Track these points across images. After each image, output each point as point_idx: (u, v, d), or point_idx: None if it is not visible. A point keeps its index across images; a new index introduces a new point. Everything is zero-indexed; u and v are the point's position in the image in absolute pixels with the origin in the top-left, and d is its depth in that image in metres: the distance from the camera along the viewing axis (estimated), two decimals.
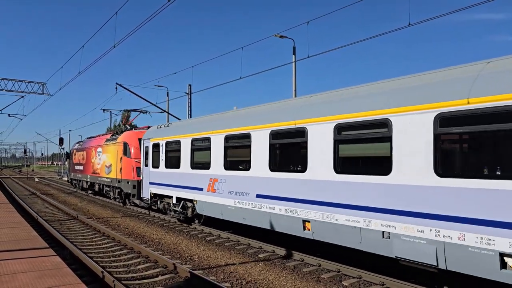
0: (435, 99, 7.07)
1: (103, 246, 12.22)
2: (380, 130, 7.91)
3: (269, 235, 13.12)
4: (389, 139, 7.73)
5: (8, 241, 9.12)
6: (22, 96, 33.89)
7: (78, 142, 35.61)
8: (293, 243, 11.97)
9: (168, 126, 16.89)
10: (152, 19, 12.25)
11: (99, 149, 26.44)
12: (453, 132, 6.81)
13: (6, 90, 32.32)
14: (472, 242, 6.34)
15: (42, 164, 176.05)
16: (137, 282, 8.50)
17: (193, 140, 14.14)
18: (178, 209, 15.27)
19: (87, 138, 32.54)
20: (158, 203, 17.02)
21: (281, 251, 11.01)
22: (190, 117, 32.06)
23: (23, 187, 38.40)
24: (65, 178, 48.07)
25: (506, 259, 5.97)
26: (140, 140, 19.80)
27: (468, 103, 6.55)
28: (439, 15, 11.12)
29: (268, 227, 10.63)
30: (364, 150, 8.45)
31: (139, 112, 27.05)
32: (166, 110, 32.71)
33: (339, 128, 8.71)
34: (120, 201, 23.29)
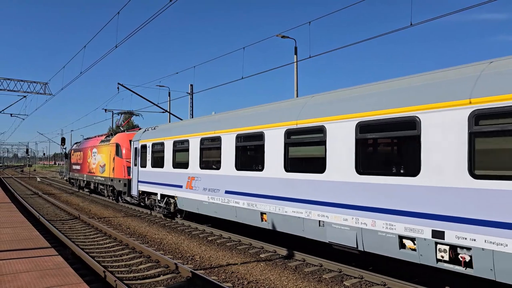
0: (356, 110, 8.44)
1: (105, 246, 12.24)
2: (318, 135, 9.31)
3: (271, 235, 13.13)
4: (324, 143, 9.14)
5: (10, 241, 9.14)
6: (24, 96, 33.96)
7: (76, 143, 37.06)
8: (295, 243, 11.98)
9: (154, 129, 18.35)
10: (154, 19, 12.26)
11: (94, 150, 27.82)
12: (368, 137, 8.23)
13: (8, 90, 32.38)
14: (380, 227, 7.83)
15: (44, 164, 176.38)
16: (138, 282, 8.52)
17: (175, 142, 15.58)
18: (162, 205, 16.81)
19: (84, 139, 33.90)
20: (146, 199, 18.55)
21: (283, 251, 11.01)
22: (192, 117, 32.08)
23: (25, 187, 38.49)
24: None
25: (404, 240, 7.46)
26: (130, 141, 20.94)
27: (376, 114, 7.96)
28: (441, 15, 11.10)
29: (234, 219, 12.05)
30: (306, 152, 9.90)
31: (131, 114, 29.47)
32: (168, 110, 32.74)
33: (288, 133, 10.14)
34: (113, 198, 24.53)
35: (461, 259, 6.57)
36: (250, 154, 11.75)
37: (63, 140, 55.96)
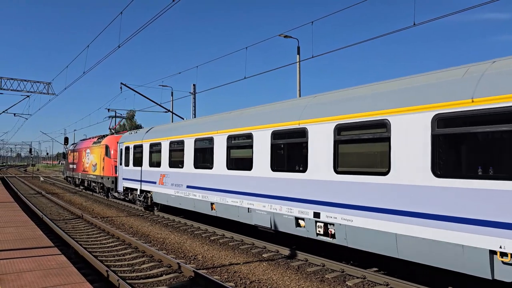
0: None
1: (108, 245, 12.27)
2: (247, 140, 11.79)
3: (272, 235, 13.13)
4: (251, 147, 11.66)
5: (14, 240, 9.18)
6: (28, 96, 34.09)
7: (72, 144, 40.72)
8: (297, 243, 11.98)
9: (136, 132, 21.19)
10: (157, 19, 12.28)
11: (88, 151, 30.58)
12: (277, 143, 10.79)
13: (11, 90, 32.51)
14: (284, 211, 10.29)
15: (47, 163, 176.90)
16: (141, 281, 8.53)
17: (151, 144, 18.16)
18: (141, 199, 19.38)
19: (80, 140, 37.24)
20: (129, 194, 21.29)
21: (285, 251, 11.01)
22: (195, 117, 32.14)
23: (29, 186, 38.62)
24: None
25: (299, 220, 9.90)
26: (118, 143, 23.23)
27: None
28: (444, 15, 11.07)
29: (193, 209, 14.77)
30: (240, 153, 12.34)
31: (122, 118, 33.84)
32: (171, 110, 32.81)
33: (229, 138, 12.65)
34: (103, 194, 27.24)
35: (329, 232, 9.10)
36: (204, 155, 14.09)
37: (66, 140, 56.12)
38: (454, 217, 6.63)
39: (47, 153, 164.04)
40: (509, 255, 5.97)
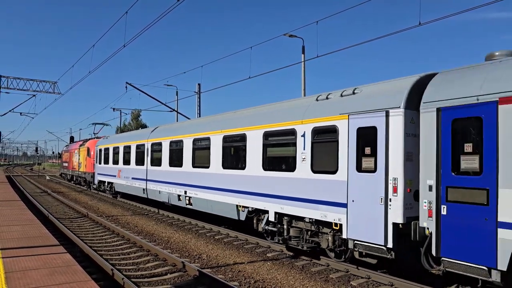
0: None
1: (113, 244, 12.32)
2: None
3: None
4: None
5: (20, 238, 9.25)
6: (34, 95, 34.28)
7: (66, 145, 48.39)
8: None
9: (107, 138, 27.96)
10: (162, 19, 12.31)
11: (76, 152, 37.61)
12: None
13: (18, 89, 32.70)
14: (178, 192, 16.16)
15: (53, 162, 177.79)
16: (146, 280, 8.57)
17: (114, 148, 24.56)
18: (108, 188, 26.31)
19: (72, 142, 45.22)
20: (101, 186, 27.88)
21: (289, 251, 10.99)
22: (199, 116, 32.20)
23: (34, 185, 38.85)
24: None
25: (180, 196, 15.97)
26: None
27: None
28: (450, 14, 11.00)
29: (133, 193, 21.25)
30: (159, 154, 18.36)
31: (102, 125, 40.37)
32: (176, 109, 32.87)
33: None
34: (87, 187, 33.67)
35: (187, 200, 15.33)
36: (140, 156, 20.42)
37: (71, 139, 56.83)
38: (261, 193, 11.52)
39: (53, 152, 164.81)
40: (241, 207, 12.48)
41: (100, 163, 27.46)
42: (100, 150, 27.51)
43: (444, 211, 7.02)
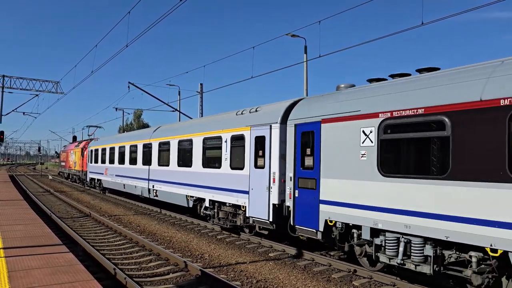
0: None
1: (115, 243, 12.35)
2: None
3: (279, 235, 13.13)
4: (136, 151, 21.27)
5: (23, 238, 9.28)
6: (37, 95, 34.41)
7: (64, 146, 53.92)
8: (304, 244, 11.96)
9: (97, 140, 32.03)
10: (164, 18, 12.34)
11: (72, 152, 41.94)
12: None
13: (21, 89, 32.82)
14: (148, 186, 19.65)
15: (56, 162, 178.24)
16: (148, 279, 8.58)
17: (102, 149, 28.41)
18: (98, 185, 30.15)
19: (74, 142, 49.23)
20: (92, 183, 31.62)
21: (292, 251, 11.01)
22: (202, 116, 32.24)
23: (37, 185, 38.97)
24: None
25: (151, 190, 19.38)
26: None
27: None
28: (452, 14, 10.99)
29: (117, 189, 24.90)
30: (133, 154, 21.89)
31: (96, 127, 47.45)
32: (178, 109, 32.91)
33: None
34: (81, 184, 37.35)
35: (154, 193, 18.67)
36: (120, 156, 24.21)
37: (74, 139, 57.10)
38: (201, 185, 14.89)
39: (56, 152, 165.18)
40: (189, 196, 15.75)
41: (91, 163, 31.31)
42: (91, 150, 31.39)
43: (296, 194, 10.33)
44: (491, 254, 6.36)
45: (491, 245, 6.29)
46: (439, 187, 7.05)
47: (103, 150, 27.91)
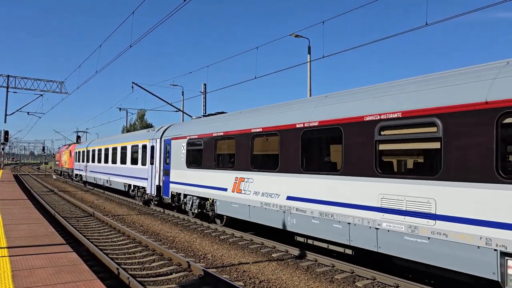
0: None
1: (119, 243, 12.38)
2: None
3: (281, 235, 13.11)
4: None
5: (27, 237, 9.32)
6: (41, 95, 34.58)
7: (58, 148, 68.01)
8: (306, 244, 11.96)
9: (80, 144, 39.28)
10: (168, 19, 12.37)
11: (64, 153, 51.16)
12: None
13: (25, 89, 32.98)
14: (107, 178, 28.10)
15: None
16: (151, 279, 8.60)
17: (82, 151, 36.07)
18: (80, 179, 38.14)
19: (78, 142, 57.26)
20: (78, 177, 39.19)
21: (295, 251, 11.00)
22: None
23: (41, 184, 39.12)
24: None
25: (108, 181, 27.69)
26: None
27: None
28: (457, 14, 10.96)
29: (92, 181, 32.34)
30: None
31: (84, 132, 59.71)
32: (181, 109, 32.95)
33: (113, 149, 27.49)
34: (71, 179, 44.83)
35: (109, 183, 27.27)
36: (99, 156, 30.19)
37: (78, 139, 57.38)
38: (129, 176, 23.30)
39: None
40: (126, 184, 24.15)
41: (76, 161, 39.90)
42: (76, 152, 40.04)
43: (163, 179, 18.29)
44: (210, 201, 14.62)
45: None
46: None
47: (83, 152, 36.27)
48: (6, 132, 35.79)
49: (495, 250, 6.41)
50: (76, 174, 39.82)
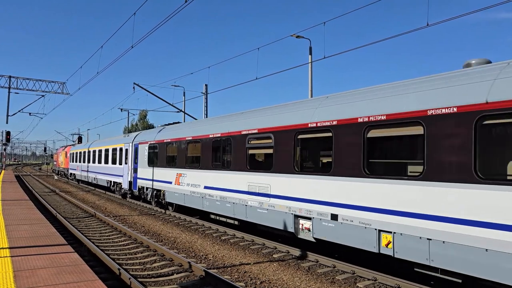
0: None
1: (120, 243, 12.40)
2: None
3: (284, 236, 13.12)
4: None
5: (28, 237, 9.34)
6: (43, 96, 34.61)
7: (56, 149, 76.90)
8: (308, 245, 11.95)
9: (74, 145, 47.37)
10: (169, 20, 12.39)
11: (60, 153, 56.85)
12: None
13: (27, 90, 33.02)
14: (94, 176, 33.00)
15: None
16: (152, 279, 8.61)
17: (75, 153, 41.61)
18: (74, 178, 42.83)
19: (79, 142, 58.72)
20: (72, 176, 43.68)
21: (296, 252, 11.00)
22: (206, 117, 32.33)
23: (43, 185, 39.18)
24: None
25: (95, 179, 32.99)
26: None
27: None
28: (458, 15, 10.94)
29: (83, 179, 37.34)
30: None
31: (78, 135, 63.21)
32: (183, 110, 32.98)
33: (94, 151, 34.00)
34: (66, 177, 49.60)
35: (96, 180, 32.28)
36: (83, 158, 37.05)
37: (80, 139, 57.58)
38: (111, 173, 27.80)
39: None
40: (109, 181, 28.80)
41: (71, 162, 44.45)
42: (71, 153, 45.01)
43: (133, 175, 23.13)
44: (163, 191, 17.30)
45: None
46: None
47: (76, 153, 41.58)
48: (8, 133, 35.90)
49: (292, 213, 10.55)
50: (71, 173, 44.18)
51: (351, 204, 8.83)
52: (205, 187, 14.69)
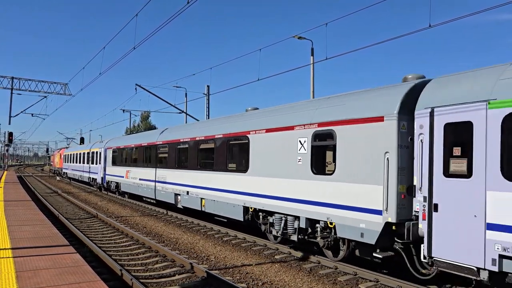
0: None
1: (122, 244, 12.40)
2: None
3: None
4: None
5: (30, 238, 9.35)
6: (45, 97, 34.71)
7: (53, 151, 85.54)
8: (309, 246, 11.94)
9: (67, 148, 57.37)
10: (171, 21, 12.40)
11: (56, 155, 64.17)
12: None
13: (29, 91, 33.10)
14: (80, 174, 40.62)
15: None
16: (154, 280, 8.61)
17: (68, 154, 48.93)
18: (67, 176, 49.16)
19: (82, 143, 62.94)
20: (65, 175, 51.13)
21: (298, 253, 10.98)
22: (208, 118, 32.33)
23: (45, 185, 39.26)
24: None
25: (80, 176, 41.06)
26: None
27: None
28: (460, 16, 10.95)
29: (74, 177, 43.79)
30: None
31: (71, 138, 78.42)
32: (185, 111, 33.02)
33: (80, 153, 41.31)
34: (60, 176, 55.75)
35: (80, 178, 40.55)
36: (75, 158, 43.75)
37: (82, 140, 57.96)
38: (93, 172, 34.22)
39: None
40: (91, 178, 35.36)
41: (65, 162, 50.66)
42: (64, 155, 51.81)
43: (104, 172, 31.18)
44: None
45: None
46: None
47: (67, 155, 48.23)
48: (10, 134, 36.27)
49: (173, 192, 17.99)
50: (64, 172, 51.50)
51: (193, 185, 16.09)
52: (140, 179, 22.01)
